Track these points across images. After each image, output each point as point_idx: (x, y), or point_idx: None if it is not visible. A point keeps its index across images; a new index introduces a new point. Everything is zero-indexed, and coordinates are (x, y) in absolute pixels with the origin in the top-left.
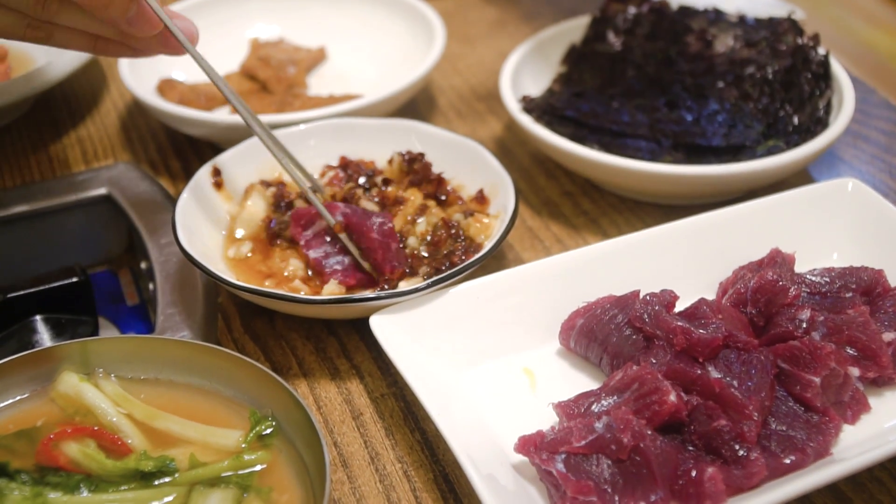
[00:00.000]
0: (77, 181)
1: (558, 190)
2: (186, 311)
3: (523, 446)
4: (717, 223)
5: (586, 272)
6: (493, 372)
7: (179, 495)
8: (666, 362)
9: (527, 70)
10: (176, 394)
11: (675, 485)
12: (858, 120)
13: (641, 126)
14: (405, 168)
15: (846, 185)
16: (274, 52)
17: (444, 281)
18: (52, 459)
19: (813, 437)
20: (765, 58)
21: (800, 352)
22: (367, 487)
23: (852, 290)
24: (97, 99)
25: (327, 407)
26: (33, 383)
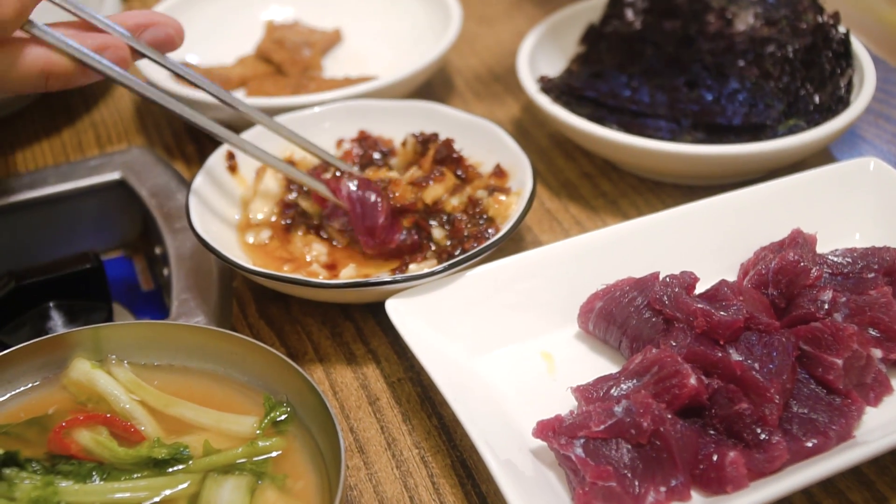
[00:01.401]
0: (91, 166)
1: (577, 171)
2: (201, 296)
3: (542, 431)
4: (738, 204)
5: (605, 254)
6: (511, 356)
7: (193, 483)
8: (686, 345)
9: (544, 50)
10: (190, 380)
11: (696, 469)
12: (880, 99)
13: (661, 106)
14: (419, 149)
15: (868, 165)
16: (289, 34)
17: (461, 264)
18: (63, 447)
19: (835, 420)
20: (785, 36)
21: (822, 333)
22: (383, 473)
23: (874, 270)
24: (111, 84)
25: (343, 392)
26: (45, 370)
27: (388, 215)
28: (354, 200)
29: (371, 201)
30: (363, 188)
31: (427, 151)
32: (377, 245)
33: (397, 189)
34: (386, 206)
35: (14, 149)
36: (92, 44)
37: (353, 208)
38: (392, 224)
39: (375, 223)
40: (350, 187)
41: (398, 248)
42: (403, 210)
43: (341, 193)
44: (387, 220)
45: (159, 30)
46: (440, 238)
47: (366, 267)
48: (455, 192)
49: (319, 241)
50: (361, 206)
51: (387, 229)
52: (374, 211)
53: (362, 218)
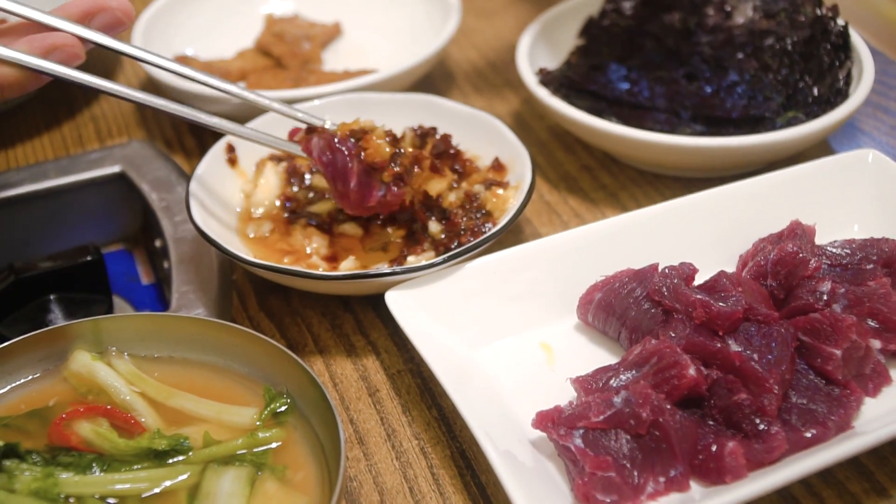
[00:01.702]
0: (91, 159)
1: (576, 164)
2: (201, 288)
3: (541, 422)
4: (737, 195)
5: (604, 246)
6: (511, 347)
7: (193, 474)
8: (685, 336)
9: (544, 43)
10: (190, 372)
11: (695, 459)
12: (879, 91)
13: (660, 98)
14: (417, 143)
15: (866, 157)
16: (289, 27)
17: (461, 256)
18: (64, 439)
19: (834, 411)
20: (784, 29)
21: (820, 324)
22: (383, 464)
23: (873, 261)
24: (111, 76)
25: (343, 384)
26: (45, 362)
27: (361, 175)
28: (326, 163)
29: (340, 164)
30: (332, 149)
31: (425, 145)
32: (355, 205)
33: (368, 145)
34: (357, 167)
35: (14, 142)
36: (40, 46)
37: (326, 171)
38: (367, 183)
39: (347, 186)
40: (319, 147)
41: (379, 205)
42: (378, 166)
43: (312, 155)
44: (359, 180)
45: (107, 15)
46: (435, 232)
47: (366, 259)
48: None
49: (319, 233)
50: (332, 168)
51: (361, 191)
52: (346, 173)
53: (334, 181)
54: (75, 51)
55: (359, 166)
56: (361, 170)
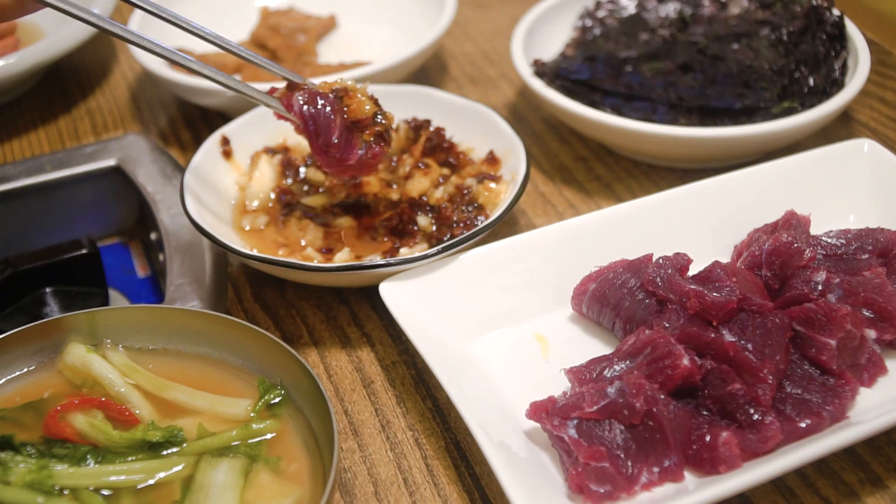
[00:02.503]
0: (86, 153)
1: (571, 155)
2: (196, 280)
3: (535, 412)
4: (732, 185)
5: (599, 237)
6: (505, 338)
7: (187, 465)
8: (679, 326)
9: (539, 35)
10: (184, 364)
11: (689, 449)
12: (874, 81)
13: (655, 89)
14: (411, 135)
15: (862, 146)
16: (284, 20)
17: (455, 247)
18: (58, 431)
19: (829, 401)
20: (779, 19)
21: (815, 314)
22: (377, 455)
23: (868, 251)
24: (107, 70)
25: (338, 375)
26: (40, 355)
27: (343, 131)
28: (306, 117)
29: (323, 118)
30: (314, 104)
31: (419, 138)
32: (334, 163)
33: (351, 102)
34: (340, 122)
35: (10, 136)
36: None
37: (306, 125)
38: (348, 140)
39: (329, 140)
40: (300, 102)
41: (360, 164)
42: (360, 124)
43: (293, 110)
44: (341, 136)
45: None
46: (425, 225)
47: (361, 251)
48: (442, 183)
49: (314, 225)
50: (314, 122)
51: (343, 146)
52: (328, 127)
53: (315, 135)
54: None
55: (341, 122)
56: (344, 126)
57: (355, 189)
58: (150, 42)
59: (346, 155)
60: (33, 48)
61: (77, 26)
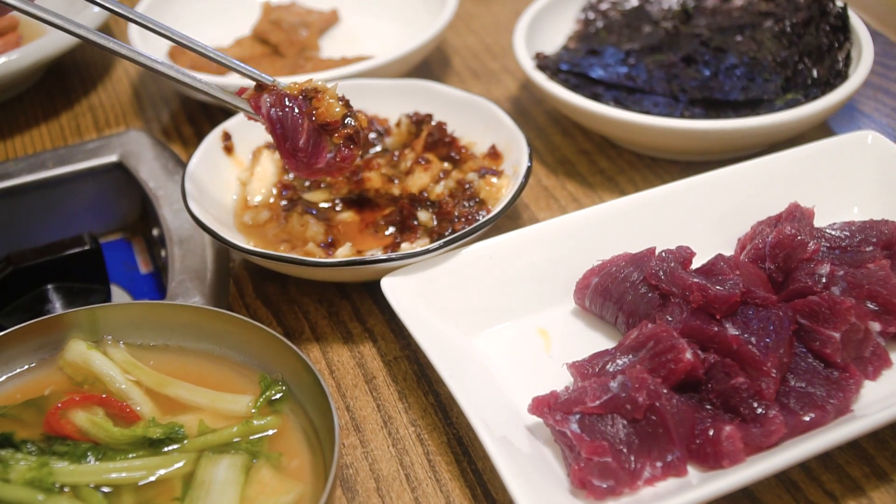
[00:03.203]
0: (89, 149)
1: (574, 148)
2: (198, 276)
3: (537, 407)
4: (735, 178)
5: (601, 230)
6: (508, 333)
7: (188, 462)
8: (682, 320)
9: (542, 28)
10: (185, 360)
11: (693, 444)
12: (878, 73)
13: (658, 82)
14: (413, 130)
15: (866, 138)
16: (286, 15)
17: (456, 241)
18: (59, 428)
19: (833, 394)
20: (782, 10)
21: (819, 307)
22: (379, 451)
23: (873, 243)
24: (109, 66)
25: (340, 371)
26: (41, 352)
27: (311, 134)
28: (274, 120)
29: (290, 121)
30: (281, 106)
31: (421, 132)
32: (303, 167)
33: (320, 104)
34: (308, 125)
35: (13, 133)
36: None
37: (273, 128)
38: (316, 143)
39: (296, 144)
40: (268, 104)
41: (328, 167)
42: (329, 127)
43: (261, 112)
44: (308, 139)
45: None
46: (426, 220)
47: (362, 245)
48: (443, 178)
49: (316, 221)
50: (281, 126)
51: (310, 150)
52: (295, 131)
53: (283, 139)
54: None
55: (309, 125)
56: (312, 129)
57: (357, 184)
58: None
59: (313, 159)
60: (35, 44)
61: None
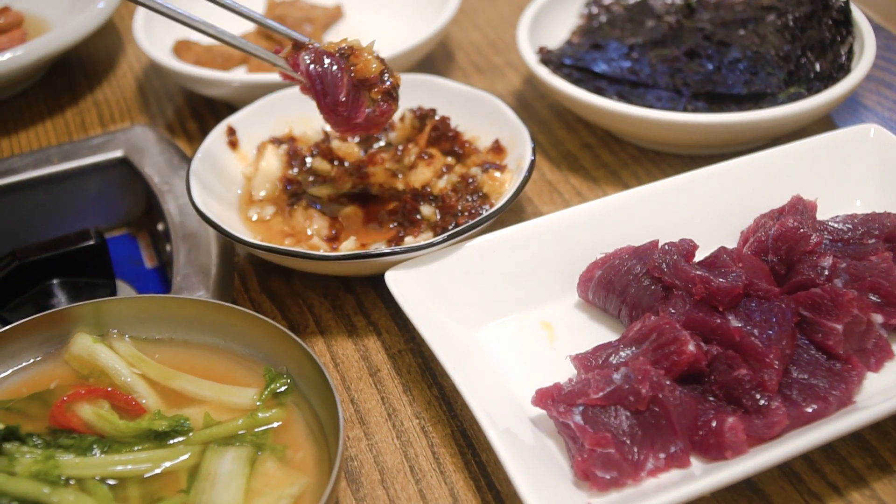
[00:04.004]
0: (93, 144)
1: (578, 142)
2: (203, 270)
3: (540, 399)
4: (738, 171)
5: (604, 223)
6: (511, 326)
7: (193, 454)
8: (685, 312)
9: (545, 22)
10: (190, 353)
11: (695, 435)
12: (881, 66)
13: (661, 76)
14: (416, 124)
15: (868, 132)
16: (290, 10)
17: (461, 235)
18: (65, 421)
19: (835, 386)
20: (785, 4)
21: (821, 299)
22: (383, 444)
23: (875, 236)
24: (113, 62)
25: (344, 364)
26: (47, 345)
27: (350, 89)
28: (313, 76)
29: (330, 76)
30: (320, 62)
31: (424, 127)
32: (342, 122)
33: (358, 61)
34: (347, 80)
35: (18, 128)
36: None
37: (313, 84)
38: (356, 98)
39: (336, 99)
40: (307, 61)
41: (367, 123)
42: (367, 82)
43: (299, 69)
44: (349, 94)
45: None
46: (429, 214)
47: (366, 239)
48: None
49: (320, 215)
50: (321, 81)
51: (350, 105)
52: (335, 86)
53: (323, 94)
54: None
55: (348, 80)
56: (351, 84)
57: (361, 179)
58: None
59: (353, 113)
60: (40, 40)
61: (84, 18)
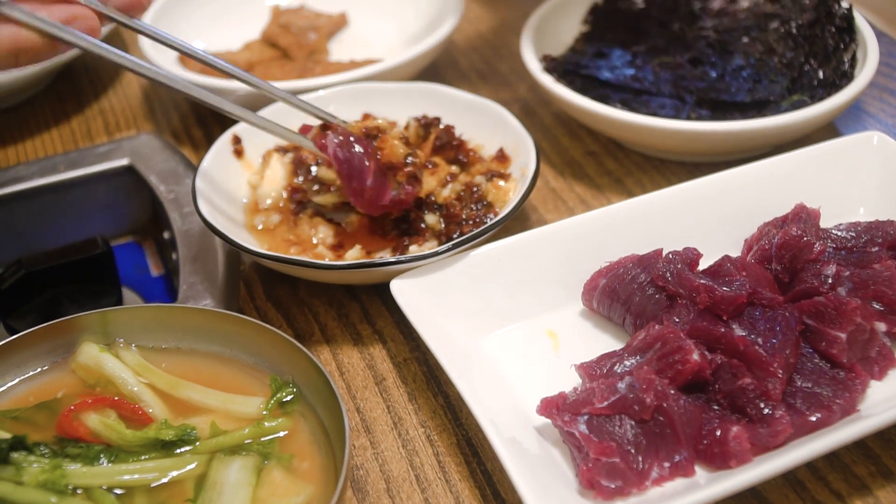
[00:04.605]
0: (99, 153)
1: (582, 150)
2: (209, 279)
3: (545, 408)
4: (742, 179)
5: (609, 232)
6: (516, 334)
7: (200, 463)
8: (689, 321)
9: (549, 30)
10: (197, 362)
11: (700, 444)
12: (884, 73)
13: (665, 83)
14: (421, 132)
15: (872, 139)
16: (295, 18)
17: (465, 243)
18: (72, 431)
19: (839, 394)
20: (788, 12)
21: (825, 307)
22: (389, 452)
23: (878, 244)
24: (119, 70)
25: (350, 373)
26: (54, 354)
27: (377, 174)
28: (342, 160)
29: (357, 162)
30: (348, 147)
31: (429, 135)
32: (368, 204)
33: (384, 146)
34: (374, 166)
35: (24, 136)
36: (60, 16)
37: (341, 168)
38: (382, 183)
39: (363, 184)
40: (335, 145)
41: (394, 203)
42: (392, 166)
43: (328, 151)
44: (375, 179)
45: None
46: (433, 223)
47: (372, 248)
48: (450, 181)
49: (326, 223)
50: (349, 166)
51: (376, 189)
52: (362, 171)
53: (349, 179)
54: (94, 24)
55: (375, 165)
56: (377, 169)
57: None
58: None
59: (380, 196)
60: None
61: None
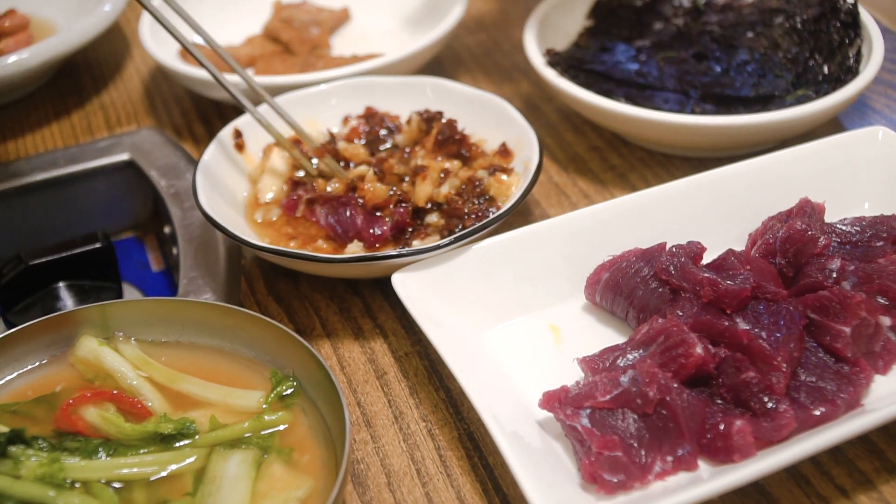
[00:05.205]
0: (100, 147)
1: (585, 145)
2: (209, 273)
3: (548, 402)
4: (746, 173)
5: (612, 226)
6: (518, 328)
7: (200, 457)
8: (693, 314)
9: (553, 25)
10: (197, 356)
11: (703, 438)
12: (889, 69)
13: (669, 78)
14: (423, 127)
15: (876, 134)
16: (297, 13)
17: (467, 237)
18: (71, 424)
19: (843, 388)
20: (793, 7)
21: (829, 302)
22: (390, 447)
23: (883, 238)
24: (120, 65)
25: (351, 367)
26: (53, 348)
27: (366, 219)
28: (333, 226)
29: (346, 220)
30: (334, 213)
31: (431, 130)
32: (371, 244)
33: (364, 193)
34: (361, 213)
35: (24, 131)
36: None
37: (335, 232)
38: (374, 222)
39: (358, 234)
40: (324, 215)
41: (393, 228)
42: (379, 206)
43: (320, 223)
44: (365, 223)
45: None
46: (435, 222)
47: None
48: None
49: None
50: (340, 226)
51: (369, 229)
52: (353, 225)
53: (345, 235)
54: None
55: (363, 213)
56: (366, 214)
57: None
58: None
59: (377, 235)
60: (46, 43)
61: (90, 21)
